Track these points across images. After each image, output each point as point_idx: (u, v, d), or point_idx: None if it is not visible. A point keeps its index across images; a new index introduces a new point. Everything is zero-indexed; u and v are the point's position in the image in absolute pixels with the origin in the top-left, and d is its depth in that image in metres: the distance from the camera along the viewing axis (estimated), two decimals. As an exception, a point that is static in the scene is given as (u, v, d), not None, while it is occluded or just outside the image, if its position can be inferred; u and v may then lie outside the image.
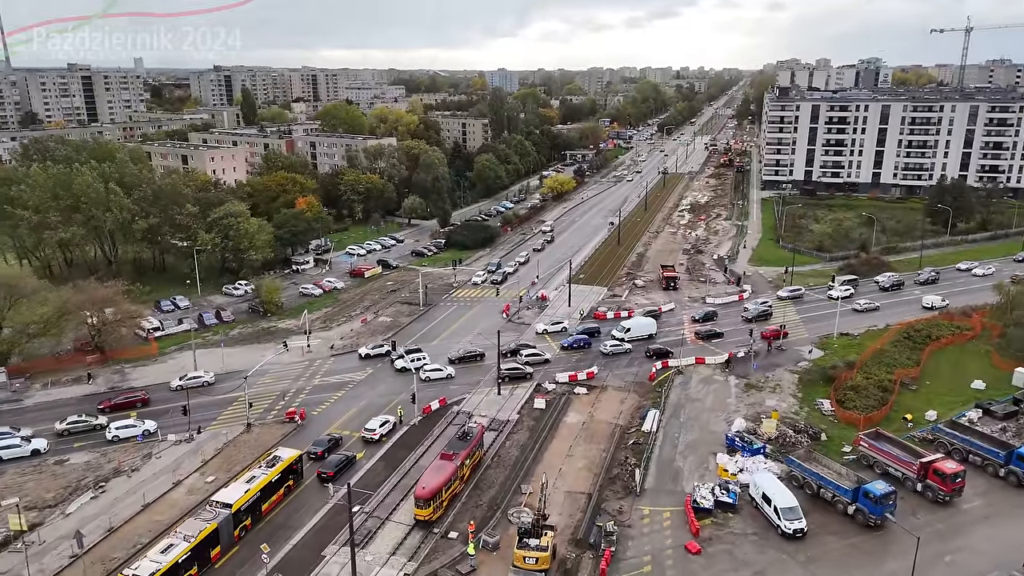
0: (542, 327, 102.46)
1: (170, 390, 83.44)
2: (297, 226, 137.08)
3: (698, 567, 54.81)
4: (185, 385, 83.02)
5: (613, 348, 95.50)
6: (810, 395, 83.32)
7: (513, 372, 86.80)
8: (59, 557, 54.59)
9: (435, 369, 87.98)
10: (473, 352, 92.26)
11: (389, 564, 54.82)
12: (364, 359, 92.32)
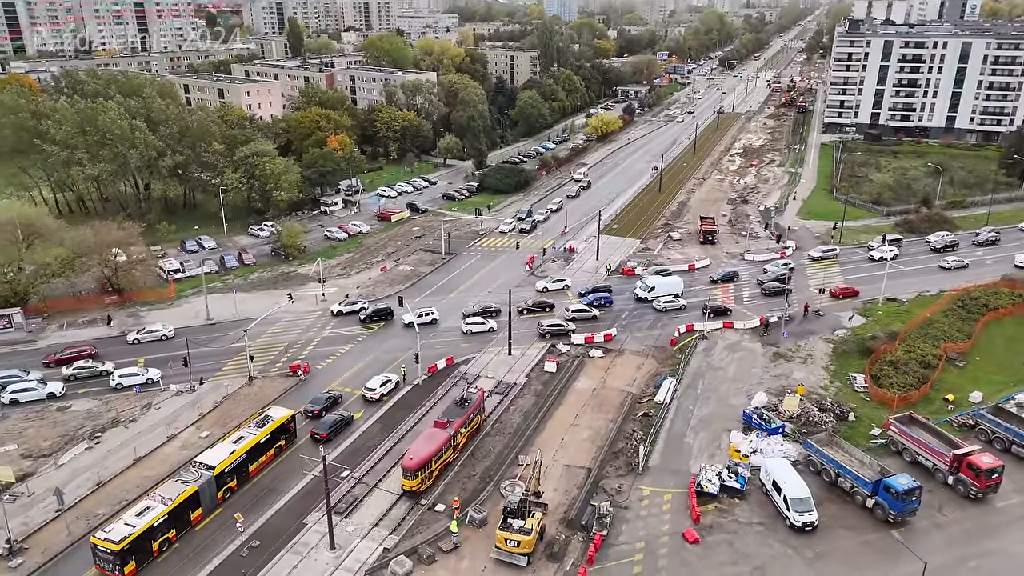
0: (542, 285, 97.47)
1: (127, 343, 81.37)
2: (326, 166, 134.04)
3: (693, 558, 51.43)
4: (142, 339, 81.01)
5: (668, 305, 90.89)
6: (843, 368, 77.62)
7: (555, 329, 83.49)
8: (45, 511, 54.50)
9: (477, 322, 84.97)
10: (489, 308, 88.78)
11: (370, 536, 53.07)
12: (337, 316, 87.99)
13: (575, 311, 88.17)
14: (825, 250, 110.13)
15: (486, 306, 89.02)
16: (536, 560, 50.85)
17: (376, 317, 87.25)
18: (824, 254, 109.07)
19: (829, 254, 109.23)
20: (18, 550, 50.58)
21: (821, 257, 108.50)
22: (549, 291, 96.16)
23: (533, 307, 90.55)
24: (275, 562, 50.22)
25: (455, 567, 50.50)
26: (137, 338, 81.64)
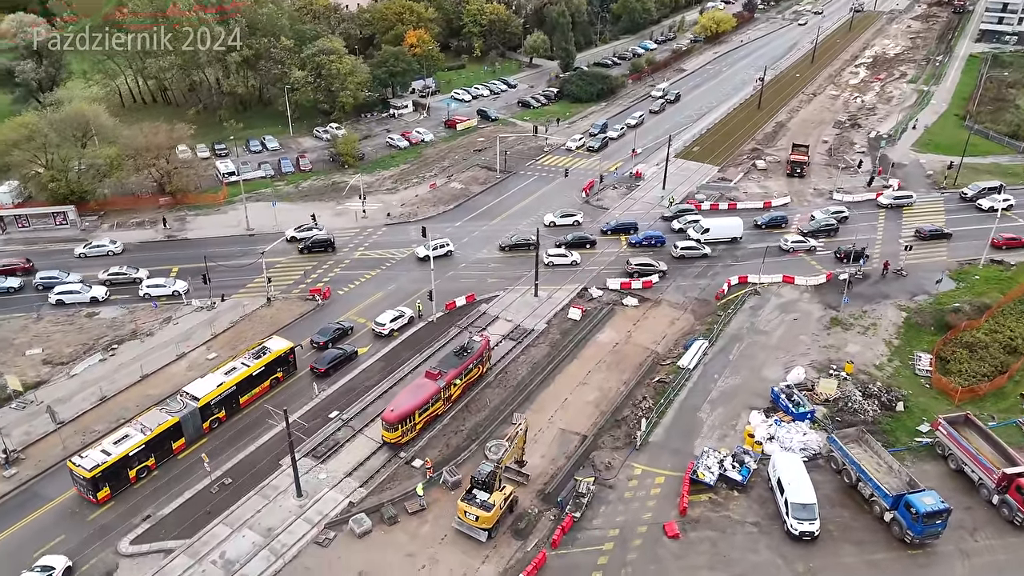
0: (549, 218, 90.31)
1: (75, 256, 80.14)
2: (396, 66, 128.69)
3: (667, 555, 47.51)
4: (88, 253, 79.55)
5: (796, 245, 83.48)
6: (910, 344, 68.60)
7: (644, 268, 78.31)
8: (46, 422, 56.85)
9: (559, 255, 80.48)
10: (527, 240, 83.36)
11: (340, 487, 52.22)
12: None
13: (639, 264, 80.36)
14: (898, 196, 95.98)
15: (524, 238, 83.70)
16: (499, 535, 48.49)
17: (315, 248, 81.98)
18: (896, 201, 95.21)
19: (902, 201, 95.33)
20: (14, 460, 53.20)
21: (892, 205, 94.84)
22: (556, 226, 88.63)
23: (517, 244, 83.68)
24: (241, 503, 50.39)
25: (415, 531, 49.00)
26: (83, 252, 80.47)
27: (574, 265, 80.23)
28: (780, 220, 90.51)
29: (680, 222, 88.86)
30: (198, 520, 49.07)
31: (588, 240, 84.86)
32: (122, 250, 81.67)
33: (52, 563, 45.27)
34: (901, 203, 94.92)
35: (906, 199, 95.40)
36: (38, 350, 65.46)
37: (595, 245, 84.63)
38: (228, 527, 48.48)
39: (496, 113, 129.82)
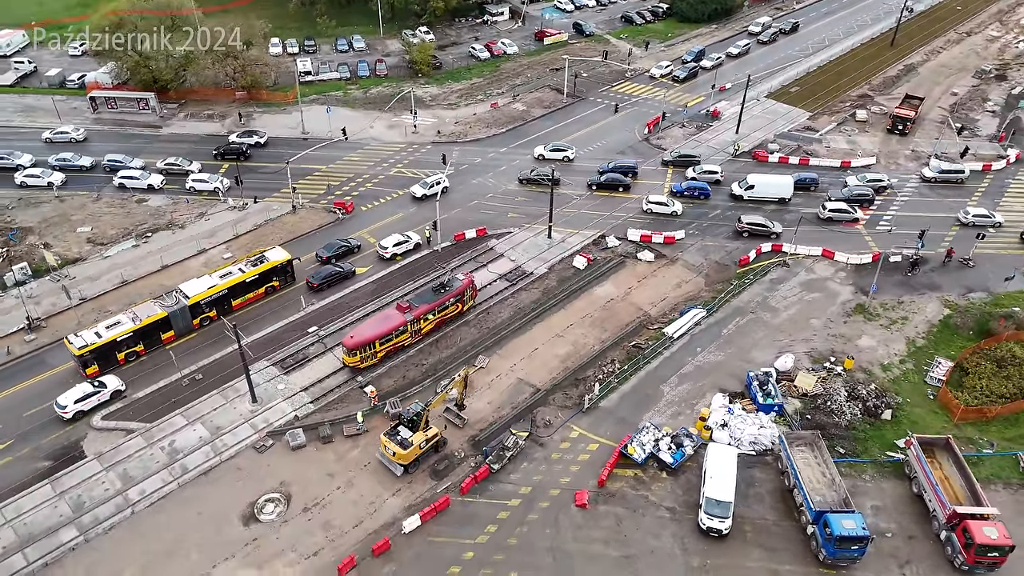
0: (539, 151, 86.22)
1: (41, 139, 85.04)
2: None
3: (568, 522, 48.02)
4: (168, 169, 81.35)
5: (836, 214, 76.06)
6: (937, 347, 62.29)
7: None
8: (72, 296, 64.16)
9: (659, 203, 77.41)
10: (546, 176, 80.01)
11: (292, 400, 56.07)
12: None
13: (654, 202, 77.53)
14: (946, 170, 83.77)
15: (542, 173, 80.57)
16: (417, 471, 50.74)
17: (534, 182, 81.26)
18: (943, 174, 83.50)
19: (952, 176, 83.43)
20: (36, 327, 60.98)
21: (938, 179, 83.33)
22: (545, 159, 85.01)
23: (533, 179, 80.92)
24: (202, 399, 55.44)
25: (344, 454, 52.22)
26: (49, 137, 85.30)
27: (674, 216, 76.60)
28: (810, 182, 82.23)
29: (694, 171, 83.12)
30: (163, 409, 54.73)
31: (622, 182, 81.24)
32: (84, 138, 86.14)
33: (107, 381, 54.68)
34: (948, 178, 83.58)
35: (955, 174, 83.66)
36: (87, 228, 73.03)
37: (629, 189, 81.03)
38: (184, 419, 53.83)
39: (593, 28, 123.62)
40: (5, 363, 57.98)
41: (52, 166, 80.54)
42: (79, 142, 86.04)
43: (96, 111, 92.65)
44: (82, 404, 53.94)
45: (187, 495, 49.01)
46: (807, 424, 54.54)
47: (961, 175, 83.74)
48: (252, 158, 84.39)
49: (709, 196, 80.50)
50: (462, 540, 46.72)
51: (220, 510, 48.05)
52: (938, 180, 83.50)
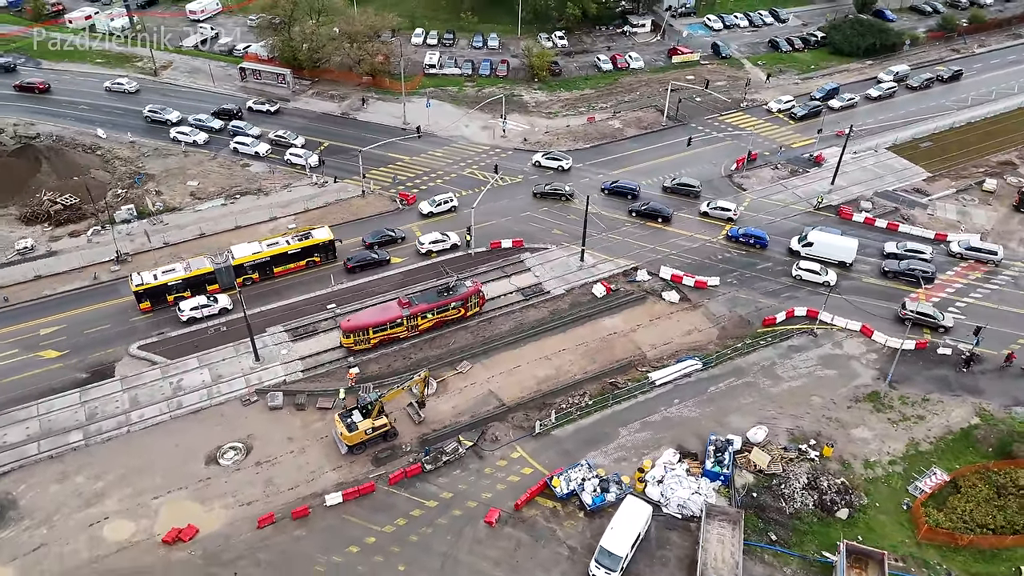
0: (536, 158, 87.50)
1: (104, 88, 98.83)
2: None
3: (471, 535, 50.92)
4: (276, 140, 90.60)
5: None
6: (941, 456, 57.10)
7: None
8: (158, 239, 75.56)
9: (717, 208, 78.10)
10: (560, 191, 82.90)
11: (288, 366, 63.08)
12: None
13: (805, 269, 72.66)
14: (975, 247, 75.28)
15: (557, 188, 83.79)
16: (359, 454, 55.73)
17: (548, 196, 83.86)
18: (972, 251, 75.01)
19: (984, 255, 74.63)
20: (123, 260, 72.92)
21: (965, 255, 74.88)
22: (541, 166, 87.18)
23: (548, 193, 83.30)
24: (216, 348, 63.99)
25: (309, 423, 58.30)
26: (108, 86, 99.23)
27: (827, 287, 71.22)
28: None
29: (708, 207, 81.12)
30: (185, 349, 64.00)
31: (662, 213, 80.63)
32: (136, 90, 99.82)
33: (220, 299, 66.85)
34: (977, 256, 75.36)
35: (987, 253, 75.25)
36: (195, 183, 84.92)
37: (669, 220, 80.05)
38: (197, 363, 62.71)
39: (731, 50, 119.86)
40: (89, 286, 70.18)
41: (192, 125, 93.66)
42: (131, 93, 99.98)
43: (244, 80, 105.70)
44: (195, 312, 65.90)
45: (173, 428, 57.60)
46: (751, 502, 52.81)
47: (995, 256, 75.05)
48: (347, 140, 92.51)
49: (766, 246, 77.34)
50: (371, 525, 51.21)
51: (193, 446, 56.10)
52: (959, 255, 75.04)
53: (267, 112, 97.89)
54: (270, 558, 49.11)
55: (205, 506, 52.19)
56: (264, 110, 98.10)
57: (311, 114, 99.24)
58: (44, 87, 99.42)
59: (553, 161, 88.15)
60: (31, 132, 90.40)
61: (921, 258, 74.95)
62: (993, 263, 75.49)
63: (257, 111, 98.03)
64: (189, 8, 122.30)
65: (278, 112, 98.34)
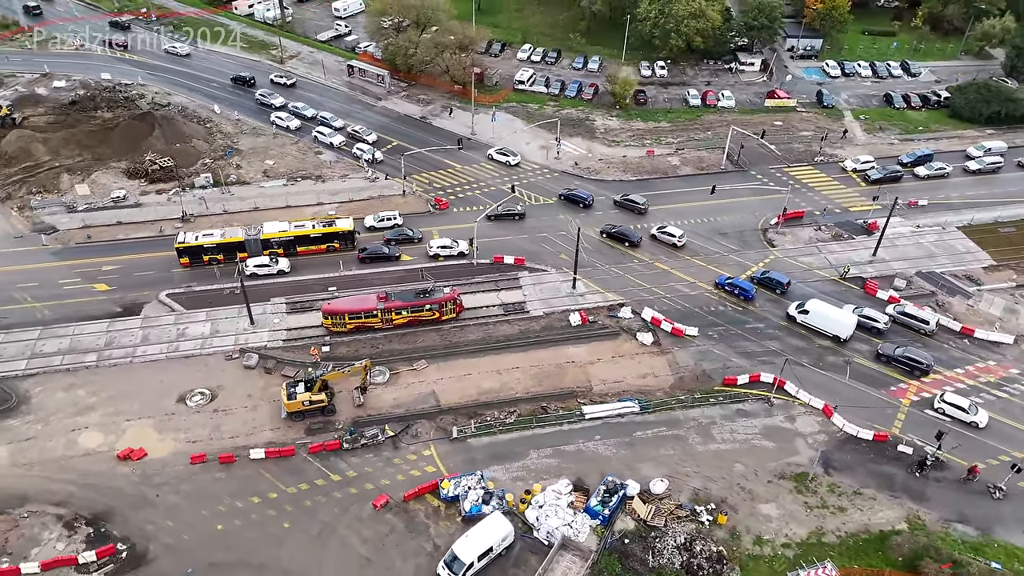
0: (369, 222, 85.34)
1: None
2: (756, 20, 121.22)
3: (354, 513, 56.54)
4: (354, 135, 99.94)
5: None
6: (843, 553, 54.95)
7: (907, 359, 68.28)
8: (221, 206, 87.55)
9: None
10: (513, 211, 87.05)
11: (275, 334, 71.75)
12: None
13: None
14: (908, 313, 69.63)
15: (510, 209, 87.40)
16: (297, 421, 63.06)
17: (504, 217, 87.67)
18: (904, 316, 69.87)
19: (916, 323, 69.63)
20: (187, 220, 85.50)
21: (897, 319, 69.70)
22: (376, 229, 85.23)
23: (503, 214, 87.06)
24: (221, 308, 73.88)
25: (269, 386, 66.20)
26: (167, 48, 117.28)
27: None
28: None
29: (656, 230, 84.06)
30: (199, 303, 74.69)
31: (630, 237, 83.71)
32: (187, 53, 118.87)
33: (281, 262, 78.18)
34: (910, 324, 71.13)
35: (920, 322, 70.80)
36: (271, 162, 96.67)
37: (637, 245, 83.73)
38: (203, 316, 73.10)
39: (835, 100, 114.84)
40: (154, 237, 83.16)
41: (291, 112, 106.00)
42: (183, 56, 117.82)
43: (351, 76, 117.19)
44: (258, 268, 77.32)
45: (164, 367, 68.06)
46: (619, 547, 54.04)
47: None
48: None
49: (751, 299, 76.02)
50: (278, 483, 58.38)
51: (172, 385, 66.17)
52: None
53: (284, 85, 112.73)
54: (188, 490, 57.71)
55: (160, 436, 61.88)
56: (283, 83, 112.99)
57: (394, 114, 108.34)
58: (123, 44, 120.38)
59: (503, 156, 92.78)
60: (164, 101, 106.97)
61: (920, 324, 71.81)
62: (924, 332, 72.50)
63: (276, 83, 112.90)
64: (335, 6, 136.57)
65: (294, 85, 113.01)
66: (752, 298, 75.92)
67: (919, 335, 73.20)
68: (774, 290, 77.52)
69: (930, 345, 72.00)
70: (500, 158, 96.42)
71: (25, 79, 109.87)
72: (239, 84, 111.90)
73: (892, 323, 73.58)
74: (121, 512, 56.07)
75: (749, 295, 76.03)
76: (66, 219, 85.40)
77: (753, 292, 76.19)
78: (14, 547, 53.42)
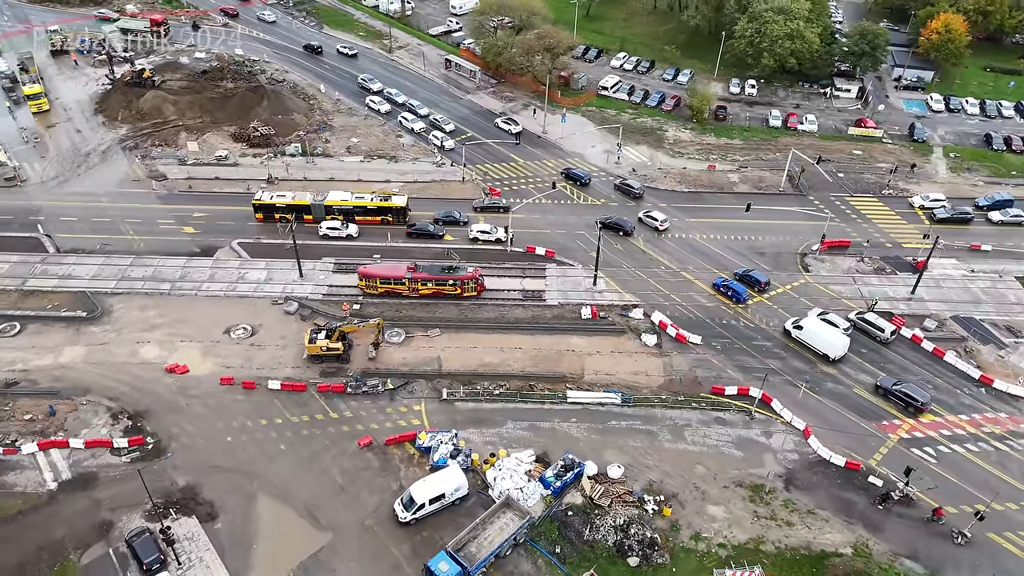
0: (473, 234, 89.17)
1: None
2: (858, 46, 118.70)
3: (341, 447, 64.06)
4: (434, 122, 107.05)
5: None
6: (774, 565, 56.41)
7: (902, 396, 67.99)
8: (303, 172, 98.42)
9: None
10: (498, 204, 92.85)
11: (318, 288, 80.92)
12: None
13: None
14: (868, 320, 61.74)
15: (495, 201, 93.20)
16: (315, 364, 71.60)
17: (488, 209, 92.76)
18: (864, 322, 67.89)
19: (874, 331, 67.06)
20: (271, 182, 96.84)
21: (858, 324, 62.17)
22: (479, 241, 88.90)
23: (489, 206, 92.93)
24: (280, 260, 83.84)
25: (300, 330, 74.94)
26: (259, 16, 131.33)
27: None
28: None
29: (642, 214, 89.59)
30: (263, 252, 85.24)
31: (624, 227, 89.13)
32: (273, 20, 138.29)
33: (351, 227, 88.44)
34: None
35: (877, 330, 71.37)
36: (356, 140, 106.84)
37: (631, 234, 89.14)
38: (263, 265, 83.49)
39: (929, 135, 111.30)
40: (241, 193, 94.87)
41: (384, 97, 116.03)
42: (270, 22, 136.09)
43: (448, 69, 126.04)
44: (330, 230, 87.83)
45: (221, 303, 78.67)
46: (562, 518, 58.40)
47: None
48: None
49: (740, 300, 78.28)
50: (285, 412, 67.02)
51: (222, 319, 76.58)
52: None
53: (347, 55, 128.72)
54: (212, 405, 67.52)
55: (203, 358, 72.27)
56: (347, 53, 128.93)
57: (477, 108, 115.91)
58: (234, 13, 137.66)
59: (486, 234, 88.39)
60: (280, 77, 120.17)
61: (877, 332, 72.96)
62: (880, 340, 74.64)
63: (342, 53, 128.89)
64: (452, 3, 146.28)
65: (355, 56, 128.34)
66: (744, 300, 78.21)
67: (875, 342, 75.03)
68: (752, 287, 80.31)
69: (919, 374, 71.72)
70: (485, 236, 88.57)
71: (174, 48, 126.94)
72: (309, 51, 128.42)
73: (853, 328, 75.55)
74: (156, 413, 66.64)
75: (740, 297, 78.28)
76: (176, 170, 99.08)
77: (745, 295, 78.61)
78: (69, 426, 65.07)
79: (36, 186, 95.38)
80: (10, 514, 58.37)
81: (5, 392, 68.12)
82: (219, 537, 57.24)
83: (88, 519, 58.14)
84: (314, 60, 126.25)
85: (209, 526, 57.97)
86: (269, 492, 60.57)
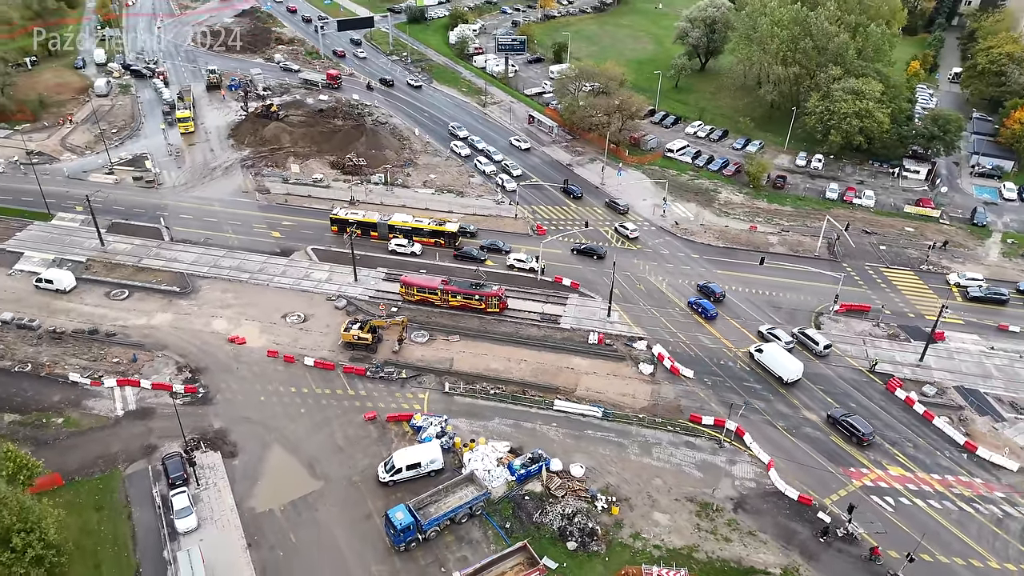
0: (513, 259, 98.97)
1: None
2: (930, 129, 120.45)
3: (347, 418, 74.41)
4: (504, 166, 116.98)
5: None
6: (702, 573, 60.67)
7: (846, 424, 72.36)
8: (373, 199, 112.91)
9: None
10: (595, 250, 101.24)
11: (368, 291, 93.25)
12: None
13: None
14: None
15: (591, 246, 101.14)
16: (347, 350, 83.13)
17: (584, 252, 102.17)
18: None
19: None
20: (352, 202, 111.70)
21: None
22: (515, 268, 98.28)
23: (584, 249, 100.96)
24: (341, 265, 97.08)
25: (335, 323, 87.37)
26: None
27: None
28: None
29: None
30: (330, 257, 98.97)
31: (597, 251, 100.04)
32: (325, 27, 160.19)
33: (414, 248, 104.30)
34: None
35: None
36: (433, 176, 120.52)
37: (603, 258, 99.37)
38: (327, 268, 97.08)
39: (991, 220, 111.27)
40: (324, 209, 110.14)
41: (466, 143, 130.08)
42: (416, 87, 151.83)
43: (529, 123, 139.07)
44: (398, 247, 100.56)
45: (285, 293, 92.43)
46: (518, 500, 65.46)
47: None
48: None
49: (709, 317, 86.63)
50: (312, 383, 78.55)
51: (282, 306, 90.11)
52: None
53: (413, 86, 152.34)
54: (257, 371, 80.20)
55: (259, 335, 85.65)
56: (413, 84, 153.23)
57: (548, 158, 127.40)
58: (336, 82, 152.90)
59: (522, 262, 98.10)
60: (384, 119, 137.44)
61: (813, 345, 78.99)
62: (816, 353, 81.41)
63: (411, 85, 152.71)
64: (551, 69, 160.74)
65: (419, 88, 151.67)
66: (713, 317, 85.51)
67: (812, 355, 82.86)
68: (709, 296, 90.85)
69: (879, 416, 74.76)
70: (520, 263, 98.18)
71: (302, 91, 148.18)
72: (383, 84, 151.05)
73: (794, 341, 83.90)
74: (211, 371, 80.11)
75: (708, 313, 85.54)
76: (278, 187, 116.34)
77: (714, 311, 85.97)
78: (144, 371, 79.65)
79: (169, 189, 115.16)
80: (83, 429, 72.71)
81: (106, 340, 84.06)
82: (234, 471, 68.67)
83: (139, 441, 71.43)
84: (416, 108, 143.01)
85: (228, 461, 69.61)
86: (282, 444, 71.68)
